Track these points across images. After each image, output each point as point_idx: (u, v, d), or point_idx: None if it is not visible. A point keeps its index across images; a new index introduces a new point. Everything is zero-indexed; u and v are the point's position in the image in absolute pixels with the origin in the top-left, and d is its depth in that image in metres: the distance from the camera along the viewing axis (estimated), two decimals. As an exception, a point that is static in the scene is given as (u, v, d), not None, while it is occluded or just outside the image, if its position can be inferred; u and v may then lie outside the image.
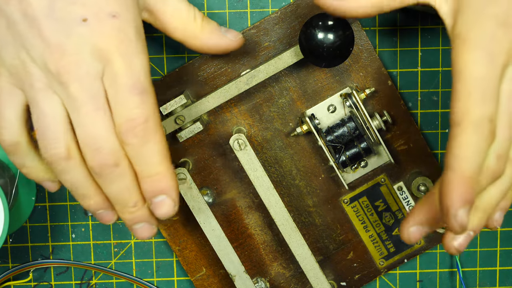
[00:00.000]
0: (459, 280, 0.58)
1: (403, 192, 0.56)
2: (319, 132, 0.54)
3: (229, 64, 0.54)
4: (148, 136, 0.42)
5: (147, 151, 0.43)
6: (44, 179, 0.46)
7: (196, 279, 0.57)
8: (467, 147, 0.40)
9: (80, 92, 0.42)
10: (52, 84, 0.42)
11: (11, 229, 0.56)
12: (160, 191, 0.44)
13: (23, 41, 0.42)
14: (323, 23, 0.49)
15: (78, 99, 0.42)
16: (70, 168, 0.43)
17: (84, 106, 0.42)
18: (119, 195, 0.44)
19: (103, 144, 0.42)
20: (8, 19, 0.42)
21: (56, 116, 0.42)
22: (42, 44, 0.42)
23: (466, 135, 0.40)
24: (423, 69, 0.55)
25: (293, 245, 0.53)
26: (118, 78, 0.42)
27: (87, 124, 0.42)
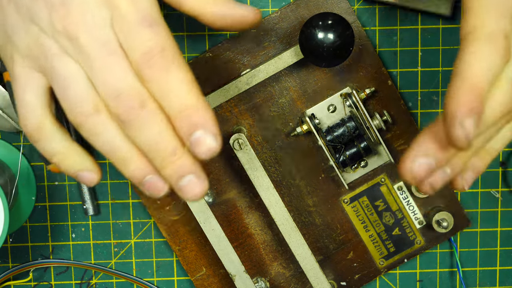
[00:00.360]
0: (459, 280, 0.58)
1: (403, 192, 0.56)
2: (319, 132, 0.54)
3: (229, 64, 0.54)
4: (168, 65, 0.39)
5: (171, 81, 0.39)
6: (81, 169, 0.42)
7: (196, 279, 0.57)
8: (479, 56, 0.38)
9: (90, 41, 0.40)
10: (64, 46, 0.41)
11: (11, 229, 0.56)
12: (196, 125, 0.39)
13: (31, 16, 0.41)
14: (323, 23, 0.49)
15: (89, 49, 0.40)
16: (102, 125, 0.40)
17: (97, 55, 0.40)
18: (154, 143, 0.39)
19: (123, 88, 0.39)
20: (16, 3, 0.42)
21: (75, 76, 0.40)
22: (47, 9, 0.41)
23: (478, 44, 0.38)
24: (423, 69, 0.55)
25: (293, 245, 0.53)
26: (126, 17, 0.40)
27: (103, 71, 0.39)
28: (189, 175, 0.39)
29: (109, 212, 0.57)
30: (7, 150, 0.56)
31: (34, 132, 0.41)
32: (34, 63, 0.42)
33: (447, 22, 0.55)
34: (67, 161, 0.42)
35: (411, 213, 0.56)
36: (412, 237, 0.56)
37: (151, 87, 0.39)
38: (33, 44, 0.41)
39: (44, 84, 0.42)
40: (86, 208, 0.56)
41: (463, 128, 0.37)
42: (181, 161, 0.39)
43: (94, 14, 0.40)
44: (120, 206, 0.57)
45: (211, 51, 0.54)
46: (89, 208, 0.56)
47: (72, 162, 0.42)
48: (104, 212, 0.57)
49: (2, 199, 0.50)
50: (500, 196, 0.57)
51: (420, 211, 0.56)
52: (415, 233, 0.56)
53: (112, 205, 0.57)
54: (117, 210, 0.57)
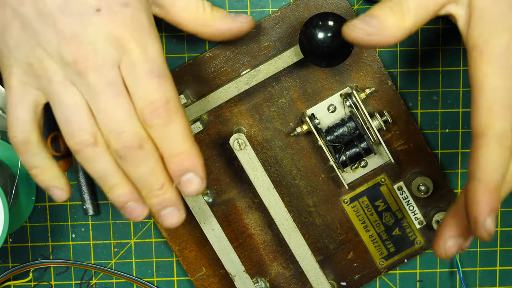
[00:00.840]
0: (459, 280, 0.58)
1: (403, 192, 0.56)
2: (319, 132, 0.54)
3: (229, 64, 0.54)
4: (170, 116, 0.43)
5: (171, 131, 0.43)
6: (53, 185, 0.46)
7: (196, 279, 0.57)
8: (492, 159, 0.42)
9: (98, 80, 0.42)
10: (70, 75, 0.43)
11: (11, 229, 0.56)
12: (187, 169, 0.44)
13: (38, 38, 0.43)
14: (323, 23, 0.49)
15: (97, 87, 0.42)
16: (97, 155, 0.44)
17: (104, 93, 0.42)
18: (145, 178, 0.44)
19: (126, 127, 0.43)
20: (22, 20, 0.43)
21: (78, 105, 0.43)
22: (57, 38, 0.42)
23: (490, 148, 0.42)
24: (423, 69, 0.55)
25: (293, 245, 0.53)
26: (135, 65, 0.43)
27: (108, 110, 0.43)
28: (170, 207, 0.45)
29: (109, 212, 0.57)
30: (7, 150, 0.56)
31: (21, 146, 0.45)
32: (34, 81, 0.44)
33: (447, 22, 0.55)
34: (43, 176, 0.46)
35: (411, 213, 0.56)
36: (412, 237, 0.56)
37: (152, 132, 0.43)
38: (37, 65, 0.43)
39: (39, 101, 0.44)
40: (86, 208, 0.56)
41: (485, 228, 0.42)
42: (166, 195, 0.45)
43: (104, 54, 0.42)
44: (120, 206, 0.57)
45: (211, 51, 0.54)
46: (89, 208, 0.56)
47: (47, 178, 0.46)
48: (104, 212, 0.57)
49: (2, 199, 0.50)
50: (500, 196, 0.57)
51: (420, 211, 0.56)
52: (415, 233, 0.56)
53: (112, 205, 0.57)
54: (117, 210, 0.57)
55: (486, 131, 0.42)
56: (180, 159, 0.44)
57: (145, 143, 0.43)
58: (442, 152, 0.56)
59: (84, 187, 0.56)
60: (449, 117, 0.56)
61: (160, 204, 0.45)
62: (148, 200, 0.45)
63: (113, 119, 0.43)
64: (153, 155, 0.44)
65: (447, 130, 0.56)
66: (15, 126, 0.44)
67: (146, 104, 0.43)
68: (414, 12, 0.44)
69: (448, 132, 0.56)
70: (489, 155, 0.42)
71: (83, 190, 0.56)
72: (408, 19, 0.44)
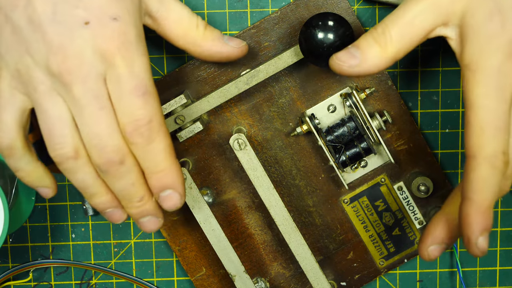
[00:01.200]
0: (459, 280, 0.58)
1: (403, 192, 0.56)
2: (319, 132, 0.54)
3: (229, 64, 0.54)
4: (152, 135, 0.44)
5: (152, 149, 0.44)
6: (39, 185, 0.47)
7: (196, 279, 0.57)
8: (484, 181, 0.43)
9: (83, 92, 0.42)
10: (55, 86, 0.43)
11: (11, 229, 0.56)
12: (166, 186, 0.45)
13: (27, 46, 0.43)
14: (323, 23, 0.49)
15: (81, 99, 0.42)
16: (78, 168, 0.44)
17: (88, 107, 0.43)
18: (125, 191, 0.45)
19: (108, 142, 0.43)
20: (13, 25, 0.43)
21: (62, 117, 0.43)
22: (45, 47, 0.42)
23: (482, 170, 0.43)
24: (423, 69, 0.55)
25: (293, 245, 0.53)
26: (121, 80, 0.43)
27: (92, 124, 0.43)
28: (148, 216, 0.46)
29: (109, 212, 0.57)
30: (7, 150, 0.56)
31: (5, 150, 0.45)
32: (21, 86, 0.44)
33: (447, 22, 0.55)
34: (29, 178, 0.47)
35: (411, 213, 0.56)
36: (412, 237, 0.56)
37: (134, 149, 0.44)
38: (24, 72, 0.43)
39: (25, 106, 0.44)
40: (86, 208, 0.56)
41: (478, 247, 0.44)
42: (145, 206, 0.46)
43: (90, 66, 0.42)
44: (120, 206, 0.57)
45: (211, 51, 0.54)
46: (89, 208, 0.56)
47: (33, 179, 0.47)
48: (104, 212, 0.57)
49: (2, 199, 0.50)
50: (500, 196, 0.57)
51: (420, 211, 0.56)
52: (415, 233, 0.56)
53: (112, 205, 0.57)
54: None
55: (477, 153, 0.43)
56: (160, 176, 0.45)
57: (126, 158, 0.44)
58: (442, 152, 0.56)
59: (84, 187, 0.56)
60: (449, 117, 0.56)
61: (140, 214, 0.46)
62: (128, 210, 0.46)
63: (96, 134, 0.43)
64: (133, 170, 0.44)
65: (447, 130, 0.56)
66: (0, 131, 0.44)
67: (129, 121, 0.43)
68: (396, 42, 0.44)
69: (448, 132, 0.56)
70: (481, 176, 0.43)
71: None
72: (391, 49, 0.45)
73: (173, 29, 0.48)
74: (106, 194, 0.45)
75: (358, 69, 0.45)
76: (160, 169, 0.45)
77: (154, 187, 0.45)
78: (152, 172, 0.45)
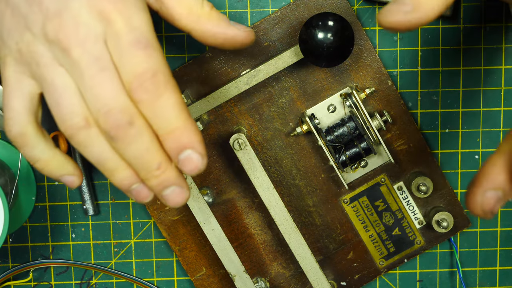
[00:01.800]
0: (459, 280, 0.58)
1: (403, 192, 0.56)
2: (319, 132, 0.54)
3: (229, 64, 0.54)
4: (159, 89, 0.40)
5: (161, 105, 0.40)
6: (62, 174, 0.44)
7: (196, 279, 0.57)
8: None
9: (82, 55, 0.40)
10: (56, 55, 0.41)
11: (11, 229, 0.56)
12: (184, 146, 0.41)
13: (26, 21, 0.41)
14: (323, 23, 0.49)
15: (81, 63, 0.40)
16: (91, 138, 0.41)
17: (88, 69, 0.40)
18: (140, 158, 0.41)
19: (113, 105, 0.40)
20: (12, 7, 0.41)
21: (67, 87, 0.41)
22: (41, 16, 0.41)
23: None
24: (423, 69, 0.55)
25: (293, 245, 0.53)
26: (120, 35, 0.40)
27: (94, 87, 0.40)
28: (172, 187, 0.42)
29: (109, 212, 0.57)
30: (7, 150, 0.56)
31: (18, 138, 0.43)
32: (26, 68, 0.42)
33: (447, 22, 0.55)
34: (49, 167, 0.44)
35: (411, 213, 0.56)
36: (412, 237, 0.56)
37: (142, 108, 0.40)
38: (25, 50, 0.42)
39: (34, 91, 0.43)
40: (86, 208, 0.56)
41: None
42: (165, 174, 0.41)
43: (87, 28, 0.40)
44: (120, 206, 0.57)
45: (211, 51, 0.54)
46: (89, 208, 0.56)
47: (54, 168, 0.44)
48: (104, 212, 0.57)
49: (2, 199, 0.50)
50: (500, 196, 0.57)
51: (420, 211, 0.56)
52: (415, 233, 0.56)
53: (112, 205, 0.57)
54: (117, 210, 0.57)
55: None
56: (175, 136, 0.41)
57: (136, 119, 0.40)
58: (442, 152, 0.56)
59: (84, 187, 0.56)
60: (449, 117, 0.56)
61: (161, 184, 0.42)
62: (148, 182, 0.42)
63: (99, 97, 0.40)
64: (145, 132, 0.41)
65: (447, 130, 0.56)
66: (10, 118, 0.42)
67: (132, 77, 0.40)
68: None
69: (448, 132, 0.56)
70: None
71: (83, 190, 0.56)
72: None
73: (177, 6, 0.45)
74: (127, 168, 0.42)
75: (415, 16, 0.39)
76: (173, 128, 0.41)
77: (170, 150, 0.41)
78: (166, 132, 0.41)
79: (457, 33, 0.55)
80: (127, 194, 0.43)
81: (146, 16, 0.41)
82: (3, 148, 0.56)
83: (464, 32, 0.55)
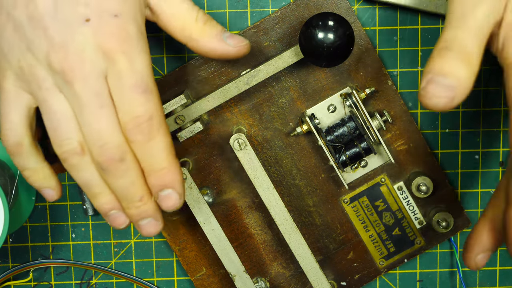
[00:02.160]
0: (459, 280, 0.58)
1: (403, 192, 0.56)
2: (319, 132, 0.54)
3: (229, 64, 0.54)
4: (152, 133, 0.43)
5: (152, 147, 0.44)
6: (44, 186, 0.47)
7: (196, 279, 0.57)
8: None
9: (84, 90, 0.42)
10: (58, 83, 0.43)
11: (11, 229, 0.56)
12: (166, 185, 0.45)
13: (29, 43, 0.43)
14: (323, 23, 0.49)
15: (82, 97, 0.43)
16: (83, 165, 0.44)
17: (89, 104, 0.43)
18: (126, 189, 0.44)
19: (108, 140, 0.43)
20: (15, 23, 0.43)
21: (66, 113, 0.43)
22: (46, 44, 0.42)
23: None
24: (423, 69, 0.55)
25: (293, 245, 0.53)
26: (122, 77, 0.43)
27: (92, 122, 0.43)
28: (148, 218, 0.46)
29: (109, 212, 0.57)
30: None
31: (13, 148, 0.45)
32: (25, 85, 0.44)
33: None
34: (35, 177, 0.47)
35: (411, 213, 0.56)
36: (412, 237, 0.56)
37: (134, 147, 0.44)
38: (27, 70, 0.43)
39: (30, 105, 0.45)
40: (86, 208, 0.56)
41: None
42: (145, 206, 0.45)
43: (91, 64, 0.42)
44: (120, 206, 0.57)
45: (211, 51, 0.54)
46: (89, 208, 0.56)
47: (38, 179, 0.47)
48: (104, 212, 0.57)
49: (2, 199, 0.50)
50: (500, 196, 0.57)
51: (420, 211, 0.56)
52: (415, 233, 0.56)
53: (112, 205, 0.57)
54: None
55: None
56: (160, 175, 0.44)
57: (127, 156, 0.44)
58: (442, 152, 0.56)
59: (84, 187, 0.56)
60: (449, 117, 0.56)
61: (139, 215, 0.46)
62: (128, 211, 0.45)
63: (96, 131, 0.43)
64: (133, 168, 0.44)
65: (447, 130, 0.56)
66: (8, 129, 0.45)
67: (129, 118, 0.43)
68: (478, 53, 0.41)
69: (448, 132, 0.56)
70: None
71: (83, 190, 0.56)
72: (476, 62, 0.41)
73: (172, 21, 0.47)
74: (110, 194, 0.45)
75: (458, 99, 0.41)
76: (159, 168, 0.44)
77: (153, 186, 0.45)
78: (152, 171, 0.44)
79: (457, 33, 0.55)
80: (104, 217, 0.46)
81: (148, 59, 0.44)
82: (3, 148, 0.56)
83: (464, 32, 0.55)
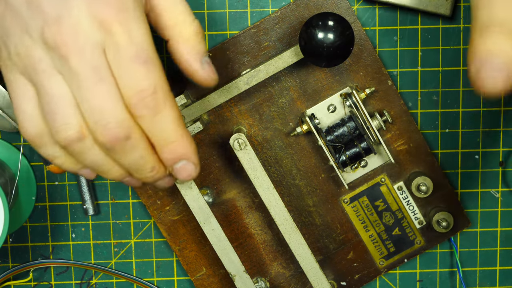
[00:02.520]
0: (459, 280, 0.58)
1: (403, 192, 0.56)
2: (319, 132, 0.54)
3: (229, 64, 0.54)
4: (159, 106, 0.41)
5: (160, 121, 0.42)
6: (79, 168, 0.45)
7: (196, 279, 0.57)
8: None
9: (80, 64, 0.40)
10: (54, 62, 0.41)
11: (11, 229, 0.56)
12: (179, 157, 0.43)
13: (26, 25, 0.41)
14: (323, 23, 0.49)
15: (79, 72, 0.40)
16: (85, 148, 0.42)
17: (86, 79, 0.40)
18: (135, 164, 0.43)
19: (110, 118, 0.41)
20: (13, 10, 0.41)
21: (63, 96, 0.41)
22: (41, 21, 0.40)
23: None
24: (423, 69, 0.55)
25: (293, 245, 0.53)
26: (120, 48, 0.40)
27: (91, 98, 0.40)
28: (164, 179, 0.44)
29: (109, 212, 0.57)
30: (7, 150, 0.56)
31: (36, 139, 0.43)
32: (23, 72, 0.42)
33: (447, 22, 0.55)
34: (67, 163, 0.44)
35: (411, 213, 0.56)
36: (412, 237, 0.56)
37: (141, 122, 0.41)
38: (23, 54, 0.41)
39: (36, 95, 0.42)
40: (86, 208, 0.56)
41: None
42: (159, 174, 0.44)
43: (86, 35, 0.40)
44: (120, 206, 0.57)
45: (211, 51, 0.54)
46: (89, 208, 0.56)
47: (71, 163, 0.44)
48: (104, 212, 0.57)
49: (2, 199, 0.50)
50: (500, 196, 0.57)
51: (420, 211, 0.56)
52: (415, 233, 0.56)
53: (112, 205, 0.57)
54: (117, 210, 0.57)
55: None
56: (172, 148, 0.42)
57: (132, 132, 0.41)
58: (442, 152, 0.56)
59: (84, 187, 0.56)
60: (449, 117, 0.56)
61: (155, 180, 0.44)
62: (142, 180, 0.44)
63: (96, 109, 0.40)
64: (141, 143, 0.42)
65: (447, 130, 0.56)
66: (24, 121, 0.42)
67: (132, 93, 0.40)
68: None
69: (448, 132, 0.56)
70: None
71: (83, 190, 0.56)
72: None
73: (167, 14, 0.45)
74: (119, 168, 0.43)
75: None
76: (171, 141, 0.42)
77: (167, 160, 0.43)
78: (163, 145, 0.42)
79: (457, 33, 0.55)
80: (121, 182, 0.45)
81: (146, 28, 0.41)
82: (3, 148, 0.56)
83: (464, 32, 0.55)
